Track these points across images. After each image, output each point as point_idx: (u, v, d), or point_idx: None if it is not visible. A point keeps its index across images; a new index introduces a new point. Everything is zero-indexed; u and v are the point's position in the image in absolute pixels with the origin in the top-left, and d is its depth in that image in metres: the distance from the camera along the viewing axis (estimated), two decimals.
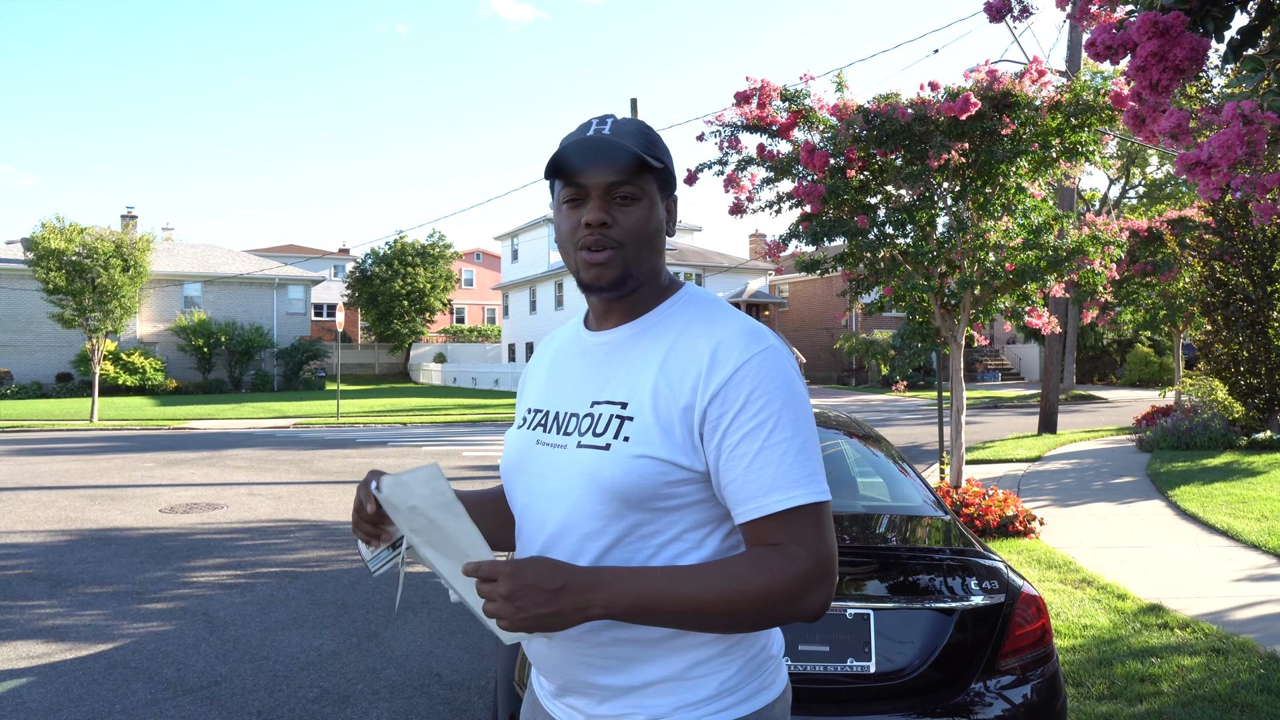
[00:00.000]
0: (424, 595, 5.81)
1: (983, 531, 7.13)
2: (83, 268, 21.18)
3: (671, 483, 1.23)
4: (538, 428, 1.39)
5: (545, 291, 38.27)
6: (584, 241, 1.30)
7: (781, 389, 1.22)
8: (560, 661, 1.32)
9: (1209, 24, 2.73)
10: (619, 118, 1.35)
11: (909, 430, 17.27)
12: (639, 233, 1.30)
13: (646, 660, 1.27)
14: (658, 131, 1.38)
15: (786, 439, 1.19)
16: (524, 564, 1.13)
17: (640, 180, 1.30)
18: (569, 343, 1.47)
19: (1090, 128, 7.23)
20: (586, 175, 1.29)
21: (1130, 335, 32.71)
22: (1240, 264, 12.62)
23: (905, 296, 8.04)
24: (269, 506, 9.25)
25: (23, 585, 6.11)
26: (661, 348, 1.29)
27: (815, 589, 1.17)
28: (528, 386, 1.52)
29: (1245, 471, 10.14)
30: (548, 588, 1.12)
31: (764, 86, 7.60)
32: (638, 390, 1.27)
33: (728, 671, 1.28)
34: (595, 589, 1.13)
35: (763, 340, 1.25)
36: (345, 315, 49.73)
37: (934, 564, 2.81)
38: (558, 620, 1.13)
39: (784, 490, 1.18)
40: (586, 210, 1.29)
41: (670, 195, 1.39)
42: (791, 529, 1.18)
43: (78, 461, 13.19)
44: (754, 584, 1.15)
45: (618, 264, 1.30)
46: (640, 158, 1.27)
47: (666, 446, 1.23)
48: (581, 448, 1.29)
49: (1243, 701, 3.80)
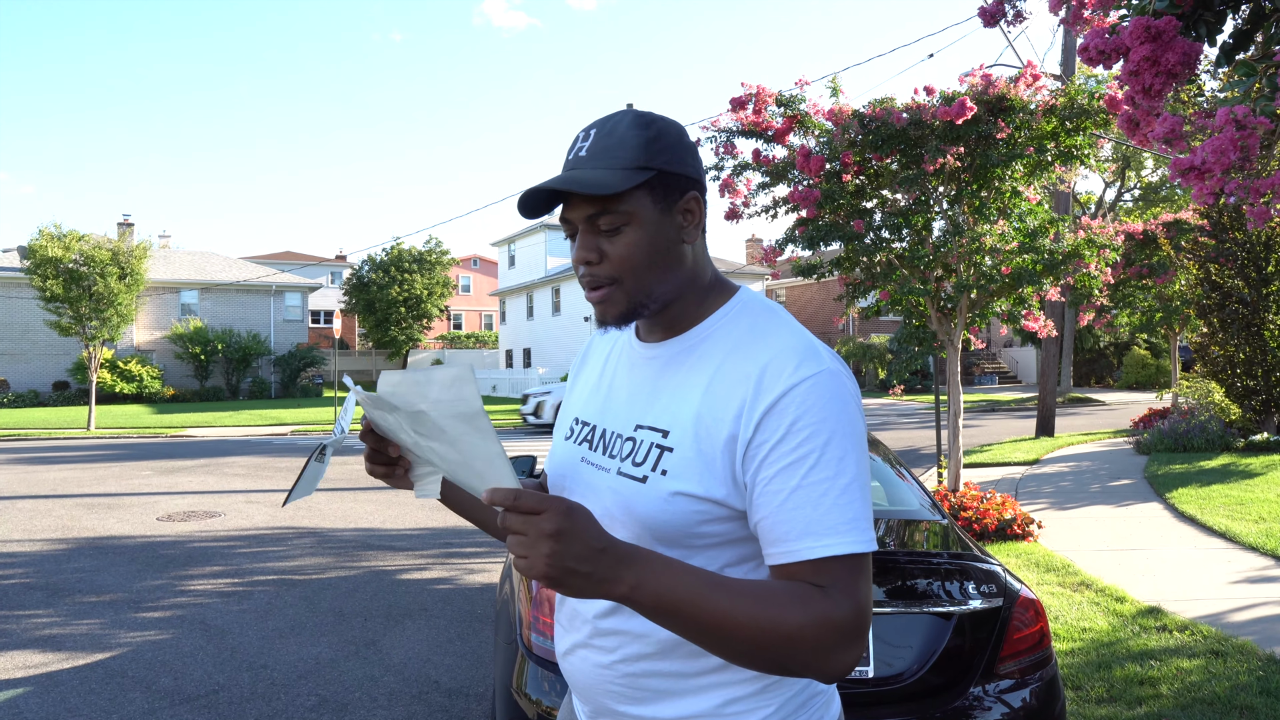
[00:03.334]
0: (422, 603, 5.80)
1: (980, 535, 7.14)
2: (80, 275, 21.16)
3: (709, 520, 1.14)
4: (584, 443, 1.30)
5: (542, 297, 38.27)
6: (581, 280, 1.22)
7: (830, 419, 1.08)
8: (591, 687, 1.26)
9: (1201, 28, 2.74)
10: (607, 123, 1.21)
11: (906, 434, 17.27)
12: (633, 261, 1.18)
13: (679, 694, 1.19)
14: (661, 124, 1.21)
15: (828, 477, 1.06)
16: (576, 507, 0.98)
17: (622, 204, 1.16)
18: (623, 350, 1.36)
19: (1085, 132, 7.25)
20: (566, 209, 1.20)
21: (1127, 338, 32.77)
22: (1235, 266, 12.65)
23: (902, 300, 8.05)
24: (266, 514, 9.23)
25: (19, 594, 6.09)
26: (709, 369, 1.18)
27: (846, 646, 1.03)
28: (577, 387, 1.43)
29: (1243, 473, 10.15)
30: (593, 543, 0.97)
31: (759, 92, 7.62)
32: (680, 418, 1.17)
33: (765, 710, 1.18)
34: (629, 565, 1.00)
35: (818, 362, 1.12)
36: (342, 322, 49.51)
37: (932, 568, 2.81)
38: (584, 584, 0.98)
39: (817, 536, 1.05)
40: (574, 248, 1.21)
41: (684, 196, 1.21)
42: (828, 577, 1.05)
43: (74, 470, 13.16)
44: (790, 621, 1.01)
45: (619, 300, 1.20)
46: (607, 185, 1.13)
47: (705, 483, 1.13)
48: (621, 475, 1.20)
49: (1242, 704, 3.80)
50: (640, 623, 1.19)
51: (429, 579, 6.46)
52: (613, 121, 1.20)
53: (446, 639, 5.06)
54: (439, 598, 5.93)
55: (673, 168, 1.19)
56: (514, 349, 41.12)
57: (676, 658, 1.18)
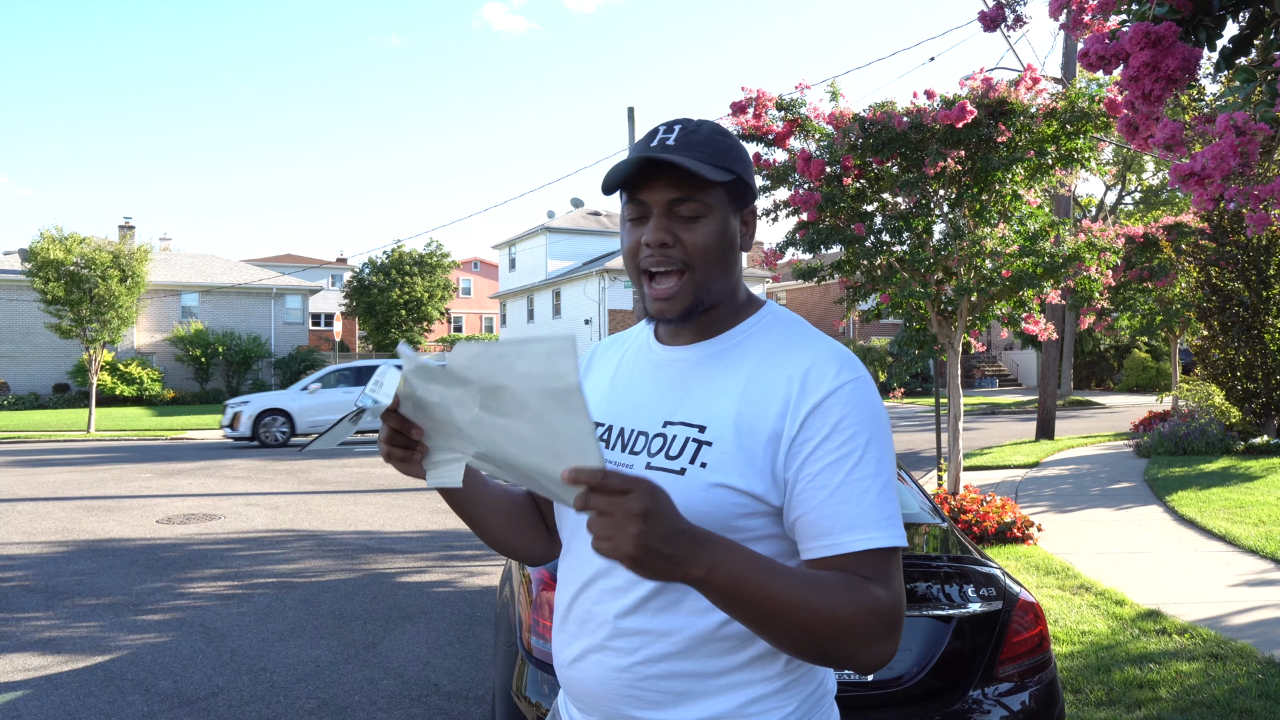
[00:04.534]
0: (421, 605, 5.80)
1: (980, 538, 7.13)
2: (81, 278, 21.18)
3: (746, 514, 1.16)
4: (600, 443, 1.29)
5: (543, 300, 38.29)
6: (645, 263, 1.22)
7: (870, 422, 1.14)
8: (604, 693, 1.23)
9: (1201, 34, 2.75)
10: (691, 122, 1.24)
11: (907, 437, 17.27)
12: (706, 252, 1.20)
13: (700, 696, 1.18)
14: (733, 136, 1.27)
15: (870, 475, 1.12)
16: (659, 488, 0.97)
17: (706, 195, 1.20)
18: (637, 354, 1.36)
19: (1085, 135, 7.25)
20: (646, 191, 1.20)
21: (1127, 341, 32.74)
22: (1236, 270, 12.65)
23: (902, 303, 8.06)
24: (266, 517, 9.23)
25: (19, 597, 6.09)
26: (745, 370, 1.21)
27: (888, 636, 1.08)
28: (587, 394, 1.42)
29: (1242, 476, 10.15)
30: (676, 524, 0.97)
31: (760, 96, 7.63)
32: (718, 414, 1.19)
33: (786, 709, 1.19)
34: (706, 548, 1.00)
35: (856, 369, 1.18)
36: (343, 325, 49.68)
37: (931, 571, 2.81)
38: (665, 565, 0.97)
39: (863, 530, 1.10)
40: (647, 229, 1.21)
41: (747, 207, 1.27)
42: (870, 570, 1.10)
43: (74, 472, 13.17)
44: (842, 608, 1.05)
45: (687, 292, 1.21)
46: (704, 171, 1.17)
47: (746, 477, 1.15)
48: (651, 469, 1.20)
49: (1241, 707, 3.80)
50: (664, 621, 1.18)
51: (429, 582, 6.46)
52: (695, 123, 1.25)
53: (446, 642, 5.06)
54: (439, 601, 5.93)
55: (746, 176, 1.26)
56: None
57: (699, 657, 1.18)
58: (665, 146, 1.20)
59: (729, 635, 1.17)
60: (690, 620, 1.18)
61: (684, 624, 1.18)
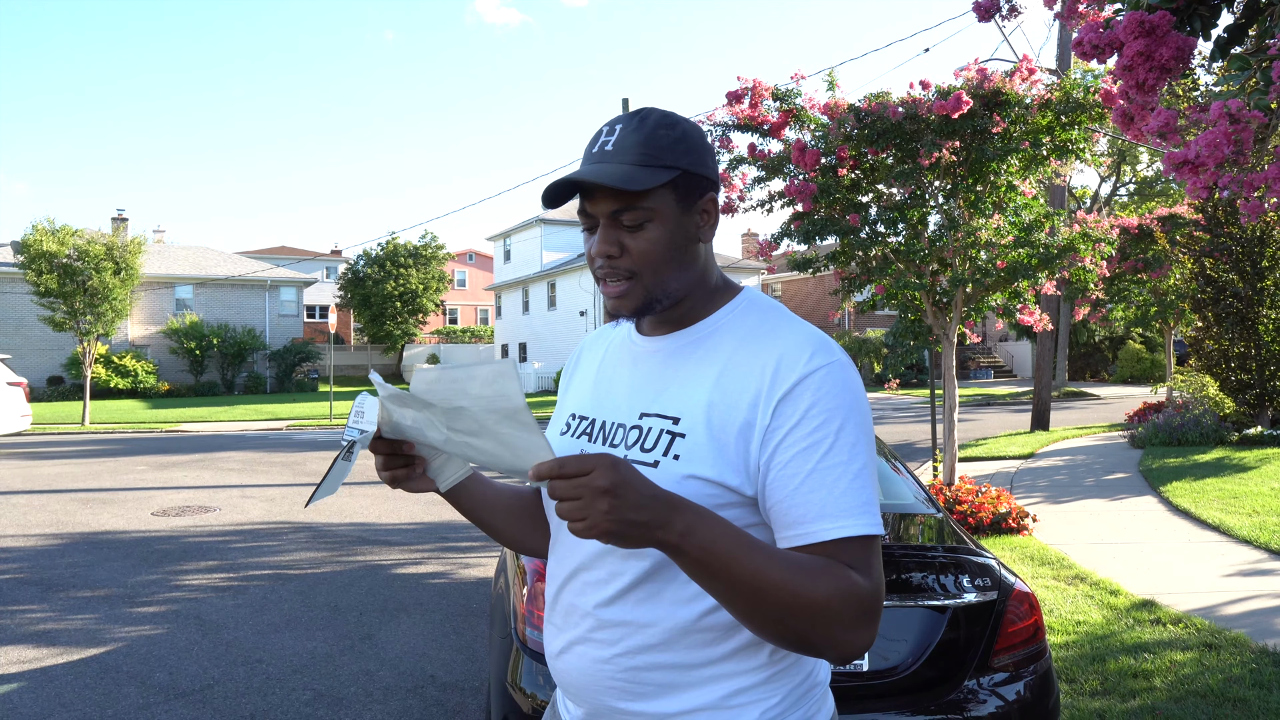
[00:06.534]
0: (417, 597, 5.80)
1: (975, 529, 7.15)
2: (74, 270, 21.07)
3: (720, 505, 1.14)
4: (582, 436, 1.30)
5: (538, 292, 38.23)
6: (597, 272, 1.23)
7: (843, 407, 1.12)
8: (588, 685, 1.24)
9: (1195, 23, 2.74)
10: (634, 119, 1.22)
11: (902, 428, 17.30)
12: (654, 257, 1.20)
13: (683, 687, 1.17)
14: (685, 125, 1.23)
15: (842, 462, 1.09)
16: (619, 459, 0.98)
17: (646, 200, 1.18)
18: (620, 346, 1.37)
19: (1080, 125, 7.25)
20: (590, 202, 1.20)
21: (1122, 332, 32.80)
22: (1230, 261, 12.67)
23: (897, 295, 8.06)
24: (261, 509, 9.22)
25: (13, 589, 6.08)
26: (719, 359, 1.20)
27: (866, 623, 1.06)
28: (572, 387, 1.43)
29: (1236, 467, 10.18)
30: (645, 490, 0.98)
31: (755, 86, 7.61)
32: (691, 405, 1.18)
33: (770, 700, 1.18)
34: (679, 511, 1.01)
35: (830, 353, 1.15)
36: (338, 317, 49.61)
37: (926, 561, 2.81)
38: (642, 532, 0.98)
39: (833, 518, 1.08)
40: (594, 241, 1.22)
41: (703, 197, 1.24)
42: (845, 558, 1.08)
43: (69, 465, 13.14)
44: (820, 589, 1.03)
45: (636, 294, 1.21)
46: (633, 184, 1.15)
47: (718, 468, 1.14)
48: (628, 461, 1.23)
49: (1235, 696, 3.82)
50: (645, 612, 1.18)
51: (424, 573, 6.46)
52: (638, 119, 1.22)
53: (442, 633, 5.06)
54: (434, 592, 5.93)
55: (695, 168, 1.22)
56: (510, 344, 41.09)
57: (681, 648, 1.17)
58: (604, 153, 1.20)
59: (711, 626, 1.17)
60: (672, 611, 1.17)
61: (665, 615, 1.18)
